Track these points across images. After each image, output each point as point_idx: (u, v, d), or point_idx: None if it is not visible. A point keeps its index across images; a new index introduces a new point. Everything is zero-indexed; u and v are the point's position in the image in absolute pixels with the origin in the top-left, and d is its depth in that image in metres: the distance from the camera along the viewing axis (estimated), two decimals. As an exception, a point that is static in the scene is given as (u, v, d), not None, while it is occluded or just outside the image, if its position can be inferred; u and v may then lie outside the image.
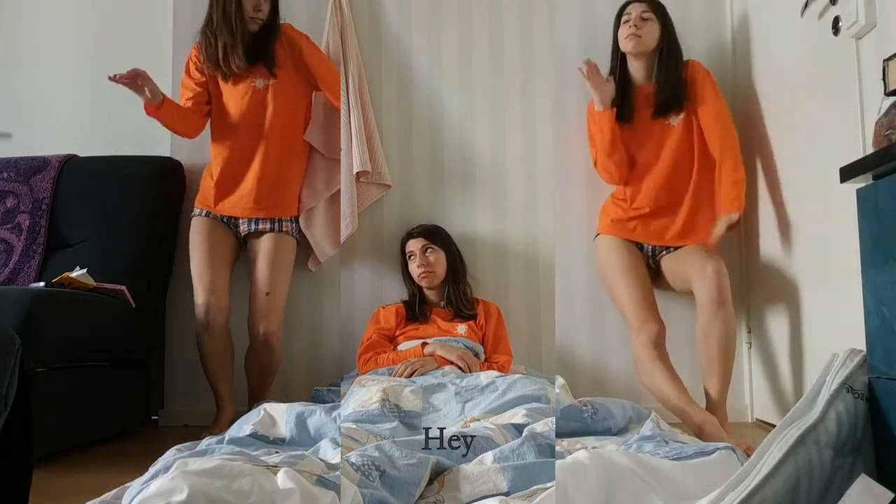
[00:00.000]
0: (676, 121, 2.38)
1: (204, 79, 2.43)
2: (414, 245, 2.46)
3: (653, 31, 2.34)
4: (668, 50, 2.35)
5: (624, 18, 2.39)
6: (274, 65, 2.40)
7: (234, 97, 2.42)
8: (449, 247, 2.50)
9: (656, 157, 2.39)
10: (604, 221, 2.47)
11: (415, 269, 2.44)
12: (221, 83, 2.43)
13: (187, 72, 2.46)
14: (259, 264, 2.40)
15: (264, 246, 2.42)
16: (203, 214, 2.43)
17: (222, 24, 2.34)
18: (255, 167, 2.41)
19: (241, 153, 2.41)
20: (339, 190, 2.59)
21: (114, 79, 2.20)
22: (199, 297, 2.32)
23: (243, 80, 2.41)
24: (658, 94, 2.36)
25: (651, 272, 2.43)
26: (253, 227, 2.44)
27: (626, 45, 2.37)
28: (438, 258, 2.45)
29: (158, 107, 2.28)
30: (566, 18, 2.73)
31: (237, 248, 2.49)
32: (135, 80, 2.22)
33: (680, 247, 2.37)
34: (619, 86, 2.39)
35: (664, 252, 2.40)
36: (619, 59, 2.43)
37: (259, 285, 2.38)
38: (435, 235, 2.49)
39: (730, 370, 2.17)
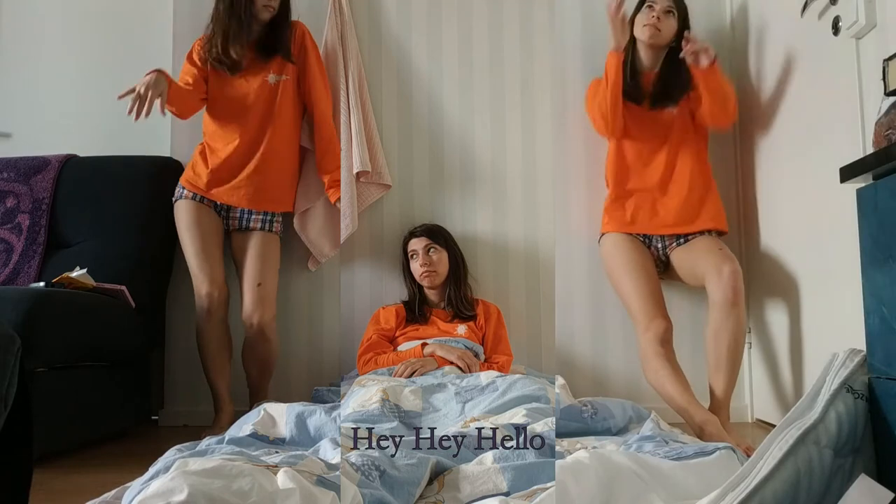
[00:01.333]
0: (674, 110, 2.38)
1: (204, 71, 2.41)
2: (417, 244, 2.46)
3: (672, 27, 2.35)
4: (679, 48, 2.33)
5: (648, 3, 2.36)
6: (290, 56, 2.43)
7: (243, 89, 2.41)
8: (451, 247, 2.50)
9: (658, 141, 2.39)
10: (608, 220, 2.46)
11: (417, 267, 2.44)
12: (228, 77, 2.40)
13: (189, 59, 2.43)
14: (248, 259, 2.41)
15: (253, 242, 2.43)
16: (192, 197, 2.38)
17: (229, 12, 2.33)
18: (257, 160, 2.40)
19: (244, 145, 2.40)
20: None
21: (125, 97, 2.19)
22: (202, 287, 2.30)
23: (255, 74, 2.41)
24: (657, 84, 2.38)
25: (661, 265, 2.42)
26: (244, 222, 2.44)
27: (642, 34, 2.36)
28: (441, 258, 2.45)
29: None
30: (566, 18, 2.73)
31: (224, 235, 2.46)
32: (145, 98, 2.17)
33: (689, 236, 2.36)
34: (629, 68, 2.39)
35: (674, 244, 2.40)
36: (631, 41, 2.41)
37: (250, 277, 2.39)
38: (438, 235, 2.49)
39: (737, 371, 2.17)
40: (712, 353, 2.17)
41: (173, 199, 2.43)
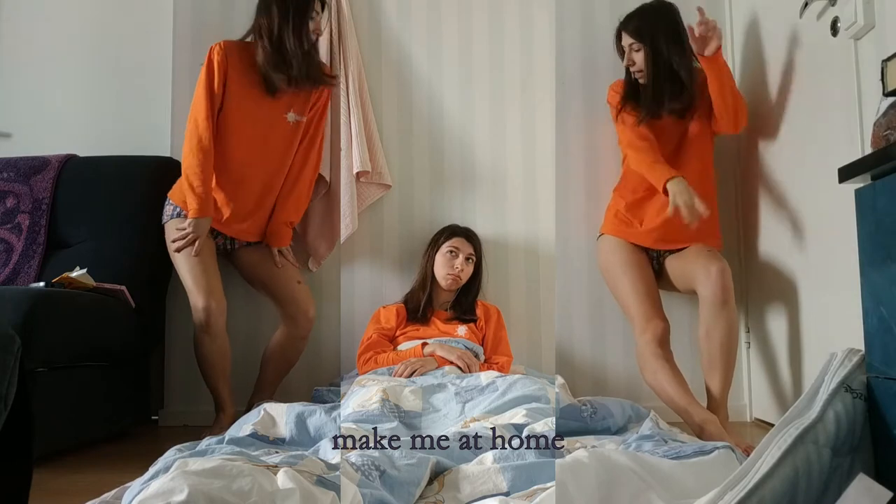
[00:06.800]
0: (694, 126, 2.35)
1: (221, 96, 2.32)
2: (462, 245, 2.44)
3: (642, 59, 2.30)
4: (662, 74, 2.29)
5: (621, 43, 2.36)
6: (332, 83, 2.44)
7: (262, 125, 2.34)
8: (479, 262, 2.50)
9: (674, 156, 2.36)
10: (613, 222, 2.45)
11: (449, 264, 2.42)
12: (248, 107, 2.33)
13: (211, 81, 2.28)
14: (276, 263, 2.44)
15: (271, 251, 2.45)
16: (185, 216, 2.29)
17: (291, 36, 2.27)
18: (274, 201, 2.42)
19: (261, 184, 2.37)
20: (328, 192, 2.61)
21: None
22: (199, 300, 2.25)
23: (276, 109, 2.36)
24: (675, 98, 2.32)
25: (654, 273, 2.42)
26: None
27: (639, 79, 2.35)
28: (470, 270, 2.46)
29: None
30: (566, 18, 2.73)
31: (224, 254, 2.46)
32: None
33: (684, 247, 2.36)
34: (637, 86, 2.37)
35: (668, 253, 2.40)
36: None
37: (286, 278, 2.42)
38: (477, 248, 2.49)
39: (732, 369, 2.17)
40: (705, 352, 2.18)
41: (163, 221, 2.37)
